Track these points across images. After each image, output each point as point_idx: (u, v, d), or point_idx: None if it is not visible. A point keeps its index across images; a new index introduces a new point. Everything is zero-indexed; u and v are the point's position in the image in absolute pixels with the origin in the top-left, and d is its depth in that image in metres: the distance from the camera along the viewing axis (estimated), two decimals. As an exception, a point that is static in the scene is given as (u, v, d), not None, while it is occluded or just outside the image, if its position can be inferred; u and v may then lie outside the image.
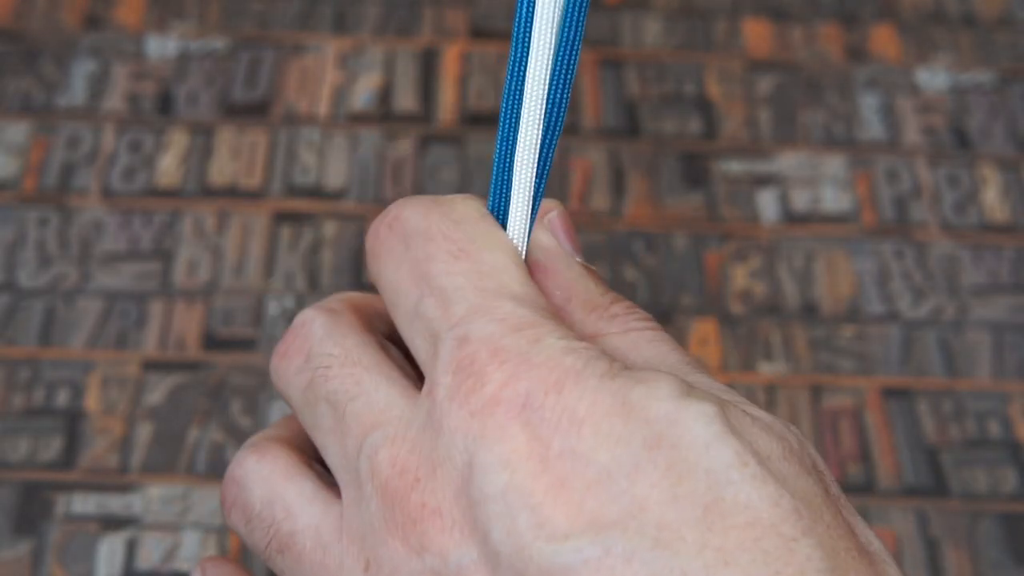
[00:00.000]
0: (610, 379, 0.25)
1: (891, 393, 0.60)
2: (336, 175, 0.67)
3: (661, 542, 0.23)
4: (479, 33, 0.73)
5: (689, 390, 0.25)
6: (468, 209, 0.28)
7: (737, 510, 0.23)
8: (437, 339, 0.26)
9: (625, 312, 0.29)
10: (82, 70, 0.70)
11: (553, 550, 0.23)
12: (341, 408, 0.27)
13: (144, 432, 0.58)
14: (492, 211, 0.28)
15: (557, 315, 0.27)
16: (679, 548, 0.23)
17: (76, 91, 0.69)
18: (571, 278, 0.29)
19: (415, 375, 0.30)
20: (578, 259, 0.29)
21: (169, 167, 0.67)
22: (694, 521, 0.23)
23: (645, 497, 0.24)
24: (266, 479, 0.29)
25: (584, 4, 0.27)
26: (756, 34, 0.73)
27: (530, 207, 0.28)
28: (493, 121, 0.69)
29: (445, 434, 0.25)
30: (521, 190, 0.27)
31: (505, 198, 0.27)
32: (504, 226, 0.28)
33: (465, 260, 0.27)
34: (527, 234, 0.28)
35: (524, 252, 0.28)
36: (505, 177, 0.27)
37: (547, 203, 0.29)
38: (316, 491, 0.28)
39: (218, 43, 0.72)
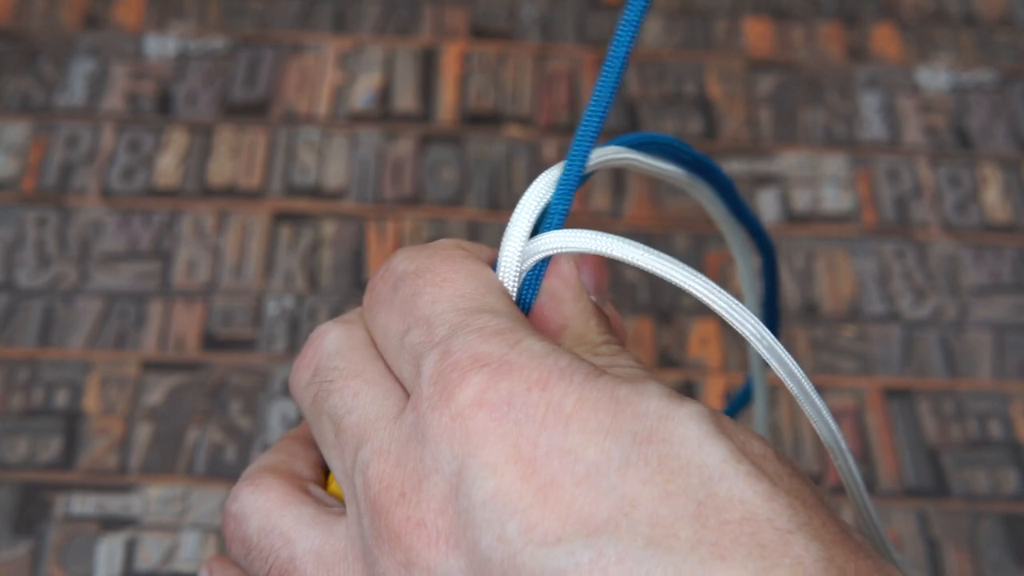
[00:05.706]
0: (595, 377, 0.25)
1: (892, 393, 0.59)
2: (336, 175, 0.66)
3: (654, 540, 0.23)
4: (479, 33, 0.73)
5: (678, 394, 0.25)
6: (452, 248, 0.28)
7: (731, 506, 0.23)
8: (420, 359, 0.26)
9: (612, 354, 0.29)
10: (81, 70, 0.70)
11: (545, 554, 0.23)
12: (339, 422, 0.27)
13: (143, 432, 0.58)
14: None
15: (539, 332, 0.27)
16: (672, 545, 0.23)
17: (75, 91, 0.69)
18: (574, 311, 0.29)
19: None
20: (592, 297, 0.30)
21: (168, 167, 0.67)
22: (688, 518, 0.23)
23: (636, 494, 0.23)
24: (261, 510, 0.29)
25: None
26: (756, 33, 0.73)
27: (525, 238, 0.28)
28: (493, 121, 0.69)
29: (430, 444, 0.25)
30: (520, 222, 0.28)
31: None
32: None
33: (448, 287, 0.27)
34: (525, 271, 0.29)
35: (517, 289, 0.29)
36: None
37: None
38: (316, 515, 0.28)
39: (217, 43, 0.72)
